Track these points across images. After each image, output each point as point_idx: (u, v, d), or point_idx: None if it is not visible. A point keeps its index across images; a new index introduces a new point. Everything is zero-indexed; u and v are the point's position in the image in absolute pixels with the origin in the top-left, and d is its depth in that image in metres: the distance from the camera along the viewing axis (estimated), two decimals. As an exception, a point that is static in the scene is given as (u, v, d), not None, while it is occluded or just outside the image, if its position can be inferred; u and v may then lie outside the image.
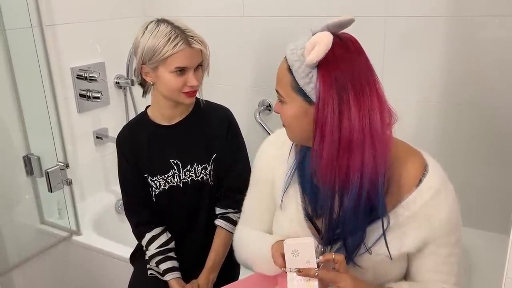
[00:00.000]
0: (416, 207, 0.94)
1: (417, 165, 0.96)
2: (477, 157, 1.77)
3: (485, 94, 1.68)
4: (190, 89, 1.31)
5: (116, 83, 2.23)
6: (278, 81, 0.94)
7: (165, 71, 1.28)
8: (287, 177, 1.06)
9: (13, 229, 1.92)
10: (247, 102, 2.20)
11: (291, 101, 0.92)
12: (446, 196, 0.95)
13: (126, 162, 1.43)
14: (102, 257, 1.87)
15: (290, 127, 0.97)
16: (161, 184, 1.42)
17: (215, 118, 1.42)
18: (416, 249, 0.96)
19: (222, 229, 1.42)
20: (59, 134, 1.91)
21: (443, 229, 0.95)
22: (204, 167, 1.40)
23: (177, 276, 1.41)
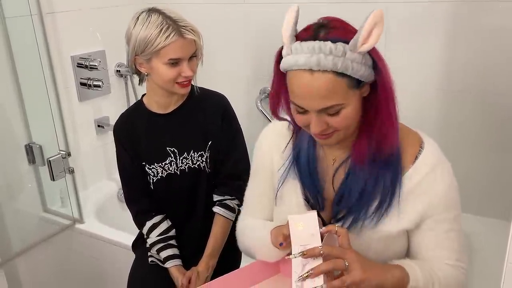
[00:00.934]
0: (413, 183, 0.95)
1: (413, 143, 0.97)
2: (478, 144, 1.76)
3: (487, 81, 1.67)
4: (184, 79, 1.30)
5: (117, 71, 2.22)
6: (327, 97, 0.85)
7: (159, 63, 1.27)
8: (283, 172, 1.06)
9: (16, 217, 1.93)
10: (248, 90, 2.19)
11: (350, 101, 0.88)
12: (442, 171, 0.96)
13: (124, 151, 1.43)
14: (104, 245, 1.89)
15: (350, 127, 0.92)
16: (158, 172, 1.42)
17: (210, 105, 1.41)
18: (415, 225, 0.97)
19: (220, 216, 1.43)
20: (60, 123, 1.91)
21: (441, 204, 0.95)
22: (201, 155, 1.40)
23: (177, 263, 1.42)
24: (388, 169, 0.95)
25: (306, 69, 0.84)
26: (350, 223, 0.97)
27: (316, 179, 1.02)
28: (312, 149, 1.03)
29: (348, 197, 0.97)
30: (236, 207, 1.43)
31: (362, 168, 0.96)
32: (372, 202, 0.96)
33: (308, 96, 0.86)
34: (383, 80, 0.88)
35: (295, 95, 0.88)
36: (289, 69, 0.87)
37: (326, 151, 1.04)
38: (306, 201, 1.04)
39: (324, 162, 1.04)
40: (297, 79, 0.86)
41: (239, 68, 2.20)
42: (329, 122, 0.89)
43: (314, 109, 0.87)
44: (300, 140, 1.04)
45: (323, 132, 0.91)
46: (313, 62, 0.83)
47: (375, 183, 0.95)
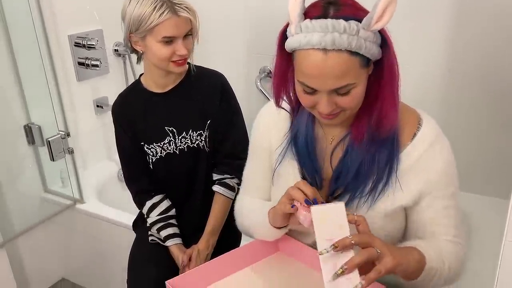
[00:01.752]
0: (411, 160, 0.95)
1: (411, 120, 0.97)
2: (479, 123, 1.76)
3: (491, 61, 1.66)
4: (179, 58, 1.29)
5: (115, 50, 2.20)
6: (340, 77, 0.84)
7: (153, 41, 1.26)
8: (281, 151, 1.06)
9: (17, 197, 1.94)
10: (247, 69, 2.17)
11: (361, 80, 0.87)
12: (441, 148, 0.96)
13: (123, 131, 1.43)
14: (105, 225, 1.90)
15: (357, 106, 0.91)
16: (157, 151, 1.42)
17: (208, 84, 1.40)
18: (413, 202, 0.97)
19: (219, 195, 1.43)
20: (59, 103, 1.90)
21: (440, 181, 0.95)
22: (199, 134, 1.40)
23: (178, 242, 1.43)
24: (386, 147, 0.95)
25: (319, 48, 0.82)
26: (347, 201, 0.97)
27: (314, 159, 1.02)
28: (311, 128, 1.03)
29: (346, 174, 0.97)
30: (236, 186, 1.43)
31: (360, 146, 0.95)
32: (369, 180, 0.96)
33: (320, 76, 0.84)
34: (390, 59, 0.88)
35: (305, 75, 0.87)
36: (299, 48, 0.85)
37: (324, 130, 1.03)
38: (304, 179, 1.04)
39: (322, 141, 1.03)
40: (309, 58, 0.84)
41: (238, 47, 2.18)
42: (338, 102, 0.88)
43: (326, 89, 0.86)
44: (298, 120, 1.04)
45: (331, 113, 0.90)
46: (328, 41, 0.81)
47: (372, 161, 0.95)
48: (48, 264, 2.12)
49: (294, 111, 1.05)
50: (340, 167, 0.99)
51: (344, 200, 0.98)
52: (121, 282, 1.42)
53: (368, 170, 0.96)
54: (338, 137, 1.01)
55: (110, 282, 2.00)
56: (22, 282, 1.95)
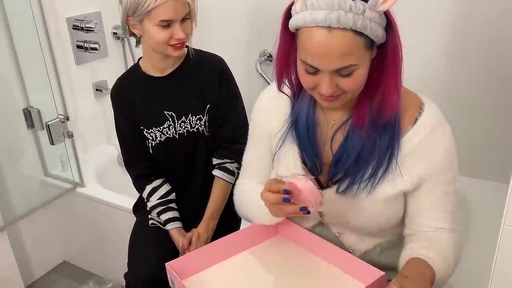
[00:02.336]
0: (412, 145, 0.95)
1: (413, 105, 0.96)
2: (481, 106, 1.75)
3: (492, 43, 1.65)
4: (177, 42, 1.27)
5: (114, 33, 2.18)
6: (344, 56, 0.82)
7: (150, 24, 1.25)
8: (281, 136, 1.05)
9: (17, 181, 1.95)
10: (247, 52, 2.16)
11: (364, 62, 0.85)
12: (442, 133, 0.95)
13: (122, 116, 1.43)
14: (105, 208, 1.91)
15: (359, 89, 0.90)
16: (157, 136, 1.41)
17: (208, 68, 1.39)
18: (413, 187, 0.97)
19: (219, 179, 1.43)
20: (58, 87, 1.89)
21: (440, 166, 0.95)
22: (199, 118, 1.40)
23: (178, 225, 1.43)
24: (387, 132, 0.94)
25: (324, 26, 0.81)
26: (346, 185, 0.98)
27: (315, 144, 1.02)
28: (312, 113, 1.02)
29: (346, 159, 0.97)
30: (236, 170, 1.44)
31: (361, 130, 0.95)
32: (369, 165, 0.96)
33: (324, 55, 0.83)
34: (395, 41, 0.86)
35: (308, 54, 0.85)
36: (304, 26, 0.84)
37: (326, 114, 1.03)
38: (304, 165, 1.04)
39: (323, 125, 1.03)
40: (313, 36, 0.83)
41: (238, 30, 2.16)
42: (340, 83, 0.87)
43: (328, 69, 0.85)
44: (299, 104, 1.03)
45: (332, 94, 0.89)
46: (333, 19, 0.80)
47: (373, 146, 0.95)
48: (49, 247, 2.14)
49: (295, 96, 1.04)
50: (340, 152, 0.98)
51: (344, 185, 0.98)
52: (122, 265, 1.44)
53: (369, 155, 0.95)
54: (339, 121, 1.01)
55: (111, 264, 2.02)
56: (24, 265, 1.97)
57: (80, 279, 2.08)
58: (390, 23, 0.85)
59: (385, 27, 0.85)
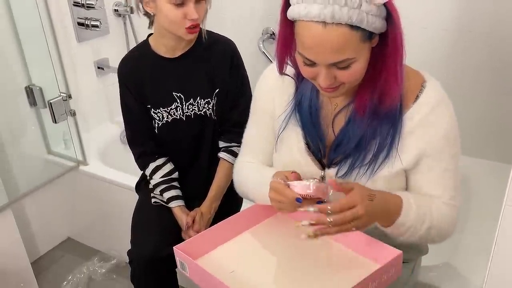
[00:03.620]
0: (414, 122, 0.95)
1: (415, 82, 0.96)
2: (482, 86, 1.74)
3: (495, 23, 1.62)
4: (191, 23, 1.24)
5: (115, 10, 2.16)
6: (339, 51, 0.82)
7: (164, 1, 1.22)
8: (284, 118, 1.05)
9: (21, 159, 1.96)
10: (250, 30, 2.13)
11: (361, 55, 0.85)
12: (444, 111, 0.95)
13: (129, 93, 1.41)
14: (109, 186, 1.92)
15: (357, 80, 0.90)
16: (164, 116, 1.41)
17: (218, 52, 1.38)
18: (413, 164, 0.97)
19: (225, 161, 1.43)
20: (60, 64, 1.88)
21: (441, 143, 0.95)
22: (207, 102, 1.39)
23: (181, 204, 1.44)
24: (388, 122, 0.94)
25: (318, 21, 0.80)
26: (347, 168, 0.98)
27: (318, 126, 1.02)
28: (315, 95, 1.02)
29: (347, 143, 0.97)
30: None
31: (362, 118, 0.95)
32: (369, 151, 0.96)
33: (319, 50, 0.83)
34: (394, 33, 0.85)
35: (305, 48, 0.85)
36: (299, 19, 0.83)
37: (328, 98, 1.02)
38: (307, 147, 1.04)
39: (327, 107, 1.03)
40: (308, 31, 0.82)
41: (240, 8, 2.13)
42: (337, 76, 0.87)
43: (325, 63, 0.85)
44: (303, 86, 1.03)
45: (330, 86, 0.88)
46: (327, 14, 0.79)
47: (373, 134, 0.95)
48: (53, 224, 2.16)
49: (299, 76, 1.03)
50: (341, 136, 0.99)
51: (344, 167, 0.98)
52: (125, 242, 1.45)
53: (369, 141, 0.95)
54: (341, 104, 1.00)
55: (115, 241, 2.04)
56: (29, 241, 2.00)
57: (84, 255, 2.10)
58: (391, 13, 0.83)
59: (386, 17, 0.84)
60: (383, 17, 0.84)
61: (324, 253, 1.01)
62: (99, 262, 2.03)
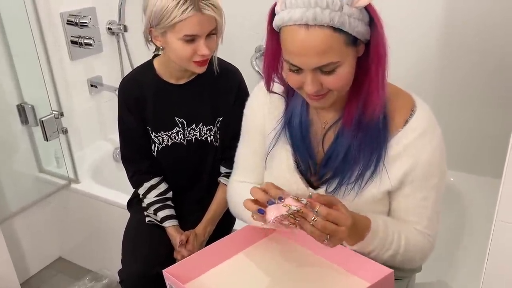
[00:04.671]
0: (400, 147, 0.95)
1: (404, 106, 0.96)
2: (473, 101, 1.76)
3: (485, 37, 1.65)
4: (201, 58, 1.23)
5: (109, 29, 2.17)
6: (323, 54, 0.82)
7: (174, 38, 1.20)
8: (274, 135, 1.05)
9: (12, 177, 1.94)
10: (243, 48, 2.15)
11: (346, 59, 0.85)
12: (431, 138, 0.95)
13: (129, 112, 1.39)
14: (100, 204, 1.90)
15: (344, 88, 0.89)
16: (164, 140, 1.40)
17: (225, 82, 1.36)
18: (396, 187, 0.97)
19: (225, 186, 1.40)
20: (52, 82, 1.88)
21: (423, 171, 0.95)
22: (209, 129, 1.38)
23: (175, 223, 1.43)
24: (373, 134, 0.94)
25: (301, 24, 0.81)
26: (335, 186, 0.98)
27: (309, 144, 1.02)
28: (305, 113, 1.02)
29: (335, 158, 0.97)
30: None
31: (349, 131, 0.95)
32: (356, 165, 0.96)
33: (303, 53, 0.83)
34: (376, 40, 0.86)
35: (289, 53, 0.85)
36: (283, 25, 0.84)
37: (318, 114, 1.02)
38: (296, 164, 1.04)
39: (317, 125, 1.03)
40: (291, 35, 0.83)
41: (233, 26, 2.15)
42: (324, 81, 0.87)
43: (309, 67, 0.85)
44: (293, 104, 1.03)
45: (317, 93, 0.88)
46: (309, 17, 0.80)
47: (359, 147, 0.95)
48: (44, 244, 2.13)
49: (288, 93, 1.04)
50: (330, 151, 0.99)
51: (333, 184, 0.98)
52: (117, 261, 1.44)
53: (356, 155, 0.95)
54: (330, 121, 1.01)
55: (106, 260, 2.02)
56: (19, 261, 1.97)
57: (75, 275, 2.07)
58: (373, 19, 0.84)
59: (369, 23, 0.85)
60: (366, 23, 0.84)
61: (317, 275, 1.00)
62: (91, 282, 2.00)
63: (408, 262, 1.01)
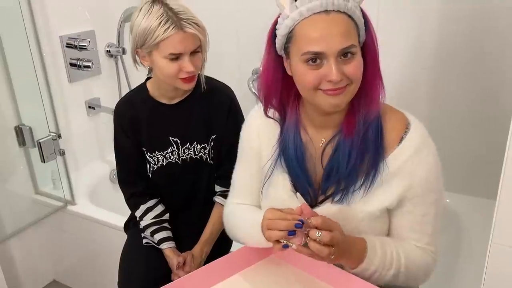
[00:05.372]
0: (397, 164, 0.96)
1: (398, 123, 0.98)
2: (467, 122, 1.77)
3: (476, 60, 1.68)
4: (187, 75, 1.25)
5: (107, 51, 2.20)
6: (346, 35, 0.87)
7: (159, 57, 1.23)
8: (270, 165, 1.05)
9: (8, 199, 1.93)
10: (239, 70, 2.18)
11: (358, 50, 0.91)
12: (427, 154, 0.96)
13: (124, 134, 1.41)
14: (97, 226, 1.89)
15: (359, 80, 0.92)
16: (159, 160, 1.41)
17: (217, 100, 1.38)
18: (396, 204, 0.98)
19: (220, 206, 1.42)
20: (50, 104, 1.89)
21: (421, 188, 0.96)
22: (203, 147, 1.39)
23: (172, 245, 1.42)
24: (372, 146, 0.95)
25: (321, 11, 0.87)
26: (340, 195, 0.97)
27: (306, 170, 1.02)
28: (299, 140, 1.02)
29: (337, 170, 0.97)
30: None
31: (350, 139, 0.96)
32: (358, 177, 0.96)
33: (328, 37, 0.87)
34: (371, 39, 0.92)
35: (311, 42, 0.88)
36: (301, 19, 0.88)
37: (314, 136, 1.03)
38: (295, 189, 1.04)
39: (311, 149, 1.03)
40: (312, 24, 0.88)
41: (231, 48, 2.18)
42: (345, 70, 0.89)
43: (335, 50, 0.87)
44: (286, 133, 1.03)
45: (338, 85, 0.89)
46: (329, 2, 0.86)
47: (361, 157, 0.96)
48: (39, 266, 2.11)
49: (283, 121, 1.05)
50: (330, 165, 0.99)
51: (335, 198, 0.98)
52: (113, 284, 1.42)
53: (357, 166, 0.96)
54: (328, 138, 1.01)
55: (101, 284, 1.99)
56: (13, 283, 1.94)
57: (69, 298, 2.05)
58: (366, 21, 0.92)
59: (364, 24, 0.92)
60: (363, 23, 0.91)
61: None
62: (85, 305, 1.98)
63: (412, 280, 1.00)
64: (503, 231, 0.76)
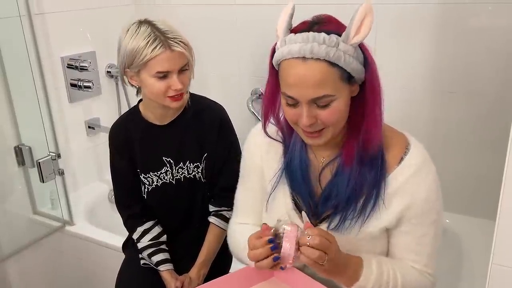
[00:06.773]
0: (397, 183, 0.96)
1: (399, 144, 0.98)
2: (466, 144, 1.78)
3: (475, 81, 1.69)
4: (175, 93, 1.27)
5: (108, 72, 2.22)
6: (319, 86, 0.85)
7: (147, 76, 1.24)
8: (275, 179, 1.06)
9: (6, 219, 1.92)
10: (239, 91, 2.19)
11: (340, 95, 0.88)
12: (426, 175, 0.96)
13: (119, 157, 1.42)
14: (95, 247, 1.88)
15: (338, 123, 0.92)
16: (153, 180, 1.41)
17: (208, 117, 1.39)
18: (395, 224, 0.98)
19: (215, 226, 1.42)
20: (50, 124, 1.90)
21: (420, 209, 0.96)
22: (196, 166, 1.40)
23: (169, 267, 1.41)
24: (372, 169, 0.96)
25: (299, 57, 0.85)
26: (337, 222, 0.98)
27: (309, 184, 1.02)
28: (304, 153, 1.03)
29: (336, 196, 0.98)
30: None
31: (350, 168, 0.96)
32: (358, 202, 0.97)
33: (300, 85, 0.86)
34: (371, 77, 0.90)
35: (287, 84, 0.89)
36: (282, 59, 0.88)
37: (316, 153, 1.04)
38: (295, 204, 1.04)
39: (314, 164, 1.04)
40: (290, 67, 0.87)
41: (230, 69, 2.20)
42: (318, 115, 0.89)
43: (306, 98, 0.87)
44: (292, 147, 1.04)
45: (313, 128, 0.91)
46: (307, 50, 0.84)
47: (361, 183, 0.96)
48: (37, 287, 2.08)
49: (285, 138, 1.05)
50: (329, 189, 0.99)
51: (334, 221, 0.98)
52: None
53: (358, 192, 0.96)
54: (328, 158, 1.02)
55: (99, 305, 1.97)
56: (9, 306, 1.92)
57: (66, 320, 2.02)
58: (367, 59, 0.89)
59: (363, 63, 0.89)
60: (361, 62, 0.88)
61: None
62: (82, 328, 1.95)
63: None
64: (503, 252, 0.76)
